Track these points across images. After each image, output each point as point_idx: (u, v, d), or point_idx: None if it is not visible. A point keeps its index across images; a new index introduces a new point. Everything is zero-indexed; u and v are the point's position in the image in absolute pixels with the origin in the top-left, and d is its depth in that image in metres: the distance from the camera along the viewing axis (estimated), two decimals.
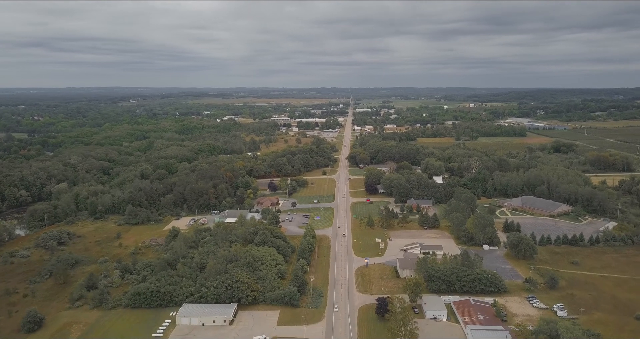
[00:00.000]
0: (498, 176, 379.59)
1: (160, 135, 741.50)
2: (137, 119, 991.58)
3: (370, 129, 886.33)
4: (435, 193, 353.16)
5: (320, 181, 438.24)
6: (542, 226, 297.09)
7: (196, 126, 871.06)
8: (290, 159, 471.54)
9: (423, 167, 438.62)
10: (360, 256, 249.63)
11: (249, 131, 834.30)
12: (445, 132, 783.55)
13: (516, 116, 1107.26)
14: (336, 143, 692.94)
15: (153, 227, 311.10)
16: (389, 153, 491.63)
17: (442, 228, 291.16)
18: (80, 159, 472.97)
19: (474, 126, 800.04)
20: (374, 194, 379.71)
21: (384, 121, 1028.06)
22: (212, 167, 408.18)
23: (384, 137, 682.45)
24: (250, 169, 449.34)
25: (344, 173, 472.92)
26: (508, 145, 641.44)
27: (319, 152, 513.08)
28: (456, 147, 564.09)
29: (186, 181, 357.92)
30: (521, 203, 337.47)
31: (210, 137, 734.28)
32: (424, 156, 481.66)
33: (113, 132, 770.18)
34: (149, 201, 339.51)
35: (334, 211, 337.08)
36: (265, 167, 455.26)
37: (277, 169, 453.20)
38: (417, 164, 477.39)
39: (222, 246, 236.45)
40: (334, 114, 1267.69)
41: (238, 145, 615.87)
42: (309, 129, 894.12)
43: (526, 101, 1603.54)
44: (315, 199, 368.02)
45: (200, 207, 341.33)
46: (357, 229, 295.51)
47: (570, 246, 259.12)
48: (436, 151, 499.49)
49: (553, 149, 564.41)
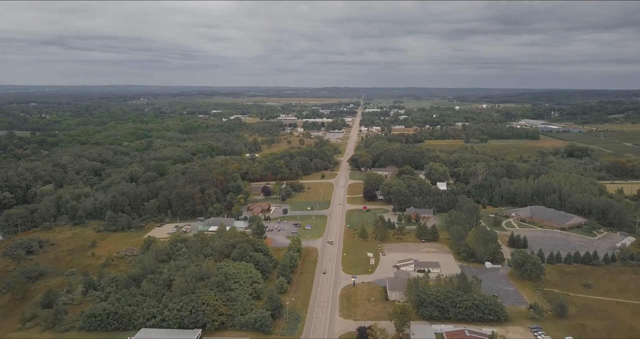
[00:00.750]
0: (506, 183, 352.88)
1: (162, 134, 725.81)
2: (143, 118, 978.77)
3: (378, 130, 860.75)
4: (437, 201, 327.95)
5: (317, 185, 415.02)
6: (551, 240, 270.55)
7: (200, 125, 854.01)
8: (288, 161, 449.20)
9: (427, 172, 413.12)
10: (349, 272, 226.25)
11: (253, 131, 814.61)
12: (454, 134, 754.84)
13: (529, 117, 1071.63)
14: (340, 144, 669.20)
15: (133, 234, 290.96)
16: (392, 156, 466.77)
17: (441, 241, 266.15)
18: (71, 159, 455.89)
19: (485, 128, 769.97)
20: (372, 200, 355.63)
21: (392, 121, 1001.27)
22: (204, 170, 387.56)
23: (390, 139, 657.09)
24: (246, 171, 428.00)
25: (344, 177, 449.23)
26: (519, 148, 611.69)
27: (319, 154, 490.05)
28: (464, 150, 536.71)
29: (173, 185, 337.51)
30: (530, 214, 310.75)
31: (212, 137, 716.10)
32: (429, 159, 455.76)
33: (115, 131, 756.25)
34: (132, 206, 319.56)
35: (327, 219, 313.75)
36: (262, 170, 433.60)
37: (273, 172, 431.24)
38: (422, 168, 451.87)
39: (195, 261, 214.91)
40: (343, 114, 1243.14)
41: (238, 146, 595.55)
42: (314, 129, 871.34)
43: (540, 102, 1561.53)
44: (309, 206, 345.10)
45: (185, 213, 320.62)
46: (349, 240, 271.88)
47: (583, 265, 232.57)
48: (442, 155, 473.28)
49: (567, 154, 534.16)
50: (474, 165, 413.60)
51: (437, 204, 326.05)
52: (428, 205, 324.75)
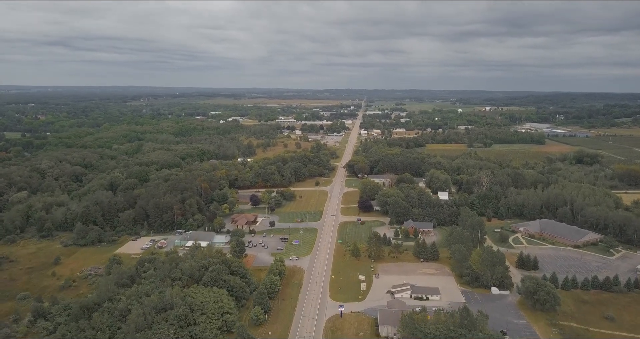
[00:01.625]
0: (512, 194, 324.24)
1: (155, 137, 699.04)
2: (139, 120, 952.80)
3: (378, 133, 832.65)
4: (437, 214, 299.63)
5: (310, 193, 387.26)
6: (565, 260, 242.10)
7: (196, 127, 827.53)
8: (280, 167, 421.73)
9: (427, 180, 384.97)
10: (337, 298, 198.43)
11: (249, 134, 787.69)
12: (456, 138, 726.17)
13: (534, 121, 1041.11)
14: (338, 148, 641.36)
15: (104, 250, 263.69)
16: (390, 163, 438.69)
17: (442, 261, 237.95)
18: (52, 163, 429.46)
19: (489, 132, 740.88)
20: (368, 211, 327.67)
21: (393, 124, 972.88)
22: (188, 177, 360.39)
23: (390, 143, 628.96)
24: (235, 178, 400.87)
25: (340, 184, 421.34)
26: (525, 154, 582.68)
27: (314, 159, 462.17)
28: (467, 156, 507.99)
29: (151, 194, 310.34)
30: (539, 228, 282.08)
31: (207, 140, 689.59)
32: (429, 166, 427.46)
33: (108, 133, 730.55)
34: (105, 217, 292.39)
35: (318, 233, 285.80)
36: (252, 176, 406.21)
37: (264, 179, 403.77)
38: (422, 175, 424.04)
39: (160, 286, 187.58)
40: (343, 117, 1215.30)
41: (231, 149, 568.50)
42: (313, 132, 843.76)
43: (545, 105, 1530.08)
44: (299, 217, 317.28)
45: (163, 225, 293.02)
46: (340, 259, 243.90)
47: (602, 292, 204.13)
48: (444, 161, 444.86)
49: (575, 160, 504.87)
50: (478, 173, 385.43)
51: (437, 217, 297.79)
52: (428, 218, 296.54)
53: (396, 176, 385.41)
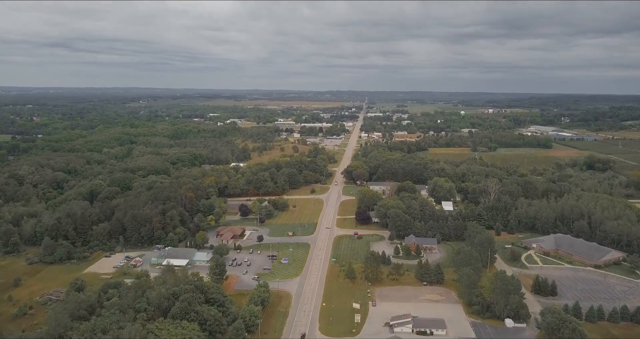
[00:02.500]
0: (523, 205, 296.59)
1: (148, 140, 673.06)
2: (134, 122, 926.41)
3: (379, 136, 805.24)
4: (442, 227, 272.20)
5: (305, 202, 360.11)
6: (585, 283, 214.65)
7: (191, 130, 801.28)
8: (273, 174, 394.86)
9: (430, 189, 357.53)
10: (327, 332, 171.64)
11: (246, 136, 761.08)
12: (460, 141, 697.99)
13: (539, 124, 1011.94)
14: (337, 152, 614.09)
15: (73, 268, 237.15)
16: (391, 169, 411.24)
17: (448, 284, 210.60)
18: (32, 169, 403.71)
19: (493, 136, 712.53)
20: (366, 224, 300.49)
21: (394, 127, 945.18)
22: (173, 185, 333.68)
23: (391, 146, 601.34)
24: (225, 185, 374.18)
25: (337, 192, 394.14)
26: (532, 159, 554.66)
27: (310, 165, 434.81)
28: (472, 161, 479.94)
29: (130, 204, 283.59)
30: (554, 245, 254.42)
31: (201, 143, 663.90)
32: (432, 173, 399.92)
33: (100, 136, 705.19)
34: (78, 230, 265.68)
35: (310, 249, 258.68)
36: (243, 183, 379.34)
37: (256, 187, 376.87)
38: (424, 182, 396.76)
39: (122, 319, 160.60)
40: (344, 119, 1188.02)
41: (225, 154, 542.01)
42: (312, 135, 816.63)
43: (548, 108, 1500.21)
44: (291, 230, 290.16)
45: (141, 240, 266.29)
46: (333, 281, 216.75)
47: (634, 325, 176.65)
48: (447, 167, 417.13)
49: (586, 166, 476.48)
50: (484, 180, 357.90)
51: (442, 231, 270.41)
52: (431, 232, 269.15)
53: (397, 184, 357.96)
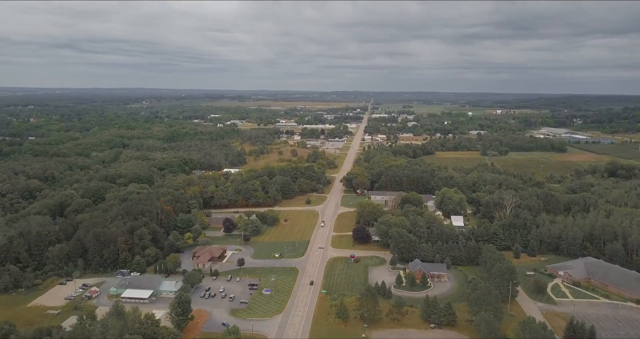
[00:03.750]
0: (546, 223, 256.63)
1: (141, 143, 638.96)
2: (131, 123, 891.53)
3: (383, 138, 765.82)
4: (452, 250, 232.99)
5: (298, 215, 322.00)
6: (629, 325, 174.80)
7: (188, 132, 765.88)
8: (265, 182, 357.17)
9: (438, 201, 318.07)
10: None
11: (244, 139, 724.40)
12: (469, 144, 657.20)
13: (550, 125, 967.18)
14: (338, 156, 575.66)
15: (18, 299, 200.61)
16: (394, 177, 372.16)
17: (460, 327, 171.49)
18: (5, 176, 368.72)
19: (504, 138, 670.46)
20: (364, 243, 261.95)
21: (399, 129, 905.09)
22: (151, 196, 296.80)
23: (395, 150, 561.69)
24: (211, 195, 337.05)
25: (335, 203, 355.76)
26: (547, 164, 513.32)
27: (307, 172, 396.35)
28: (483, 168, 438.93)
29: (95, 221, 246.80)
30: (585, 273, 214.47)
31: (197, 146, 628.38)
32: (440, 181, 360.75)
33: (91, 138, 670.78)
34: (32, 252, 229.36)
35: (298, 276, 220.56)
36: (231, 193, 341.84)
37: (245, 197, 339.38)
38: (431, 191, 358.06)
39: None
40: (348, 120, 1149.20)
41: (218, 158, 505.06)
42: (313, 137, 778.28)
43: (558, 108, 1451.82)
44: (278, 251, 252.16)
45: (104, 263, 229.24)
46: (322, 321, 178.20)
47: None
48: (457, 175, 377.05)
49: (607, 173, 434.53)
50: (498, 191, 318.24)
51: (452, 254, 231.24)
52: (440, 255, 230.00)
53: (400, 195, 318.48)
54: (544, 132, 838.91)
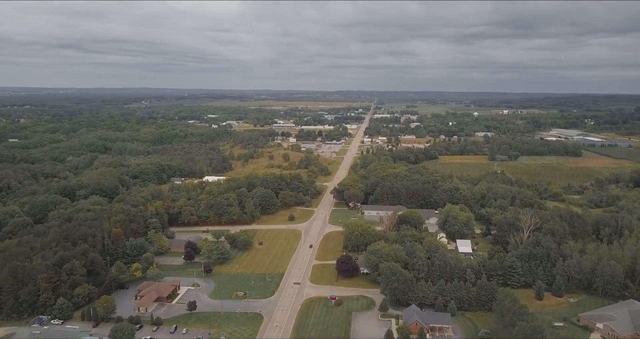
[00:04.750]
0: (574, 252, 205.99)
1: (124, 146, 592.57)
2: (121, 124, 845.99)
3: (383, 141, 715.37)
4: (458, 290, 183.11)
5: (277, 235, 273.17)
6: None
7: (178, 134, 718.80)
8: (243, 195, 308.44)
9: (441, 221, 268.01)
10: None
11: (236, 141, 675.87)
12: (475, 148, 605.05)
13: (561, 126, 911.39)
14: (333, 162, 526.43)
15: None
16: (391, 189, 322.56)
17: None
18: None
19: (513, 141, 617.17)
20: (351, 276, 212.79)
21: (402, 130, 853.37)
22: (100, 216, 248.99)
23: (395, 155, 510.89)
24: (179, 211, 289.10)
25: (322, 219, 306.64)
26: (562, 171, 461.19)
27: (293, 182, 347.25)
28: (492, 177, 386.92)
29: (15, 251, 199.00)
30: (632, 325, 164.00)
31: (183, 149, 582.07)
32: (444, 194, 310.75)
33: (73, 141, 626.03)
34: None
35: (262, 326, 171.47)
36: (202, 208, 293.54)
37: (217, 213, 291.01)
38: (434, 206, 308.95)
39: None
40: (348, 120, 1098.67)
41: (199, 164, 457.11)
42: (309, 139, 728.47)
43: (566, 108, 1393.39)
44: (244, 287, 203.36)
45: (19, 308, 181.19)
46: None
47: None
48: (463, 187, 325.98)
49: (633, 183, 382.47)
50: (513, 209, 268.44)
51: (458, 296, 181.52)
52: (443, 297, 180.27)
53: (397, 213, 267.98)
54: (554, 134, 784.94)
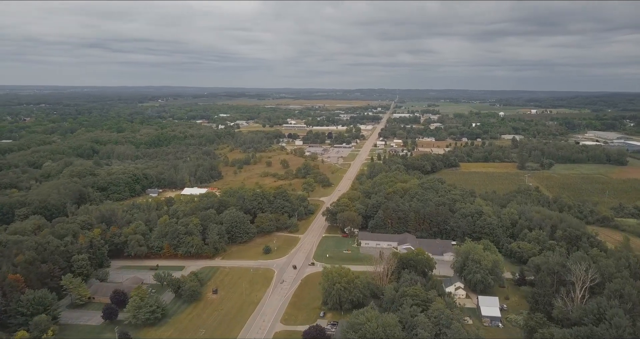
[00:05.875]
0: None
1: (113, 149, 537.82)
2: (122, 125, 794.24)
3: (399, 144, 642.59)
4: None
5: (241, 277, 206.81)
6: None
7: (177, 135, 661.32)
8: (207, 219, 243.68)
9: (459, 264, 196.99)
10: None
11: (238, 144, 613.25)
12: (502, 154, 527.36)
13: (597, 128, 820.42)
14: (338, 170, 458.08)
15: None
16: (397, 211, 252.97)
17: None
18: None
19: (545, 147, 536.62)
20: None
21: (420, 131, 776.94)
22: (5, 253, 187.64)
23: (408, 164, 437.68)
24: (124, 240, 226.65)
25: (305, 252, 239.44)
26: (607, 184, 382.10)
27: (276, 201, 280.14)
28: (525, 196, 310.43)
29: None
30: None
31: (175, 154, 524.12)
32: (464, 221, 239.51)
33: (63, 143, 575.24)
34: None
35: None
36: (154, 237, 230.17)
37: (172, 244, 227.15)
38: (450, 235, 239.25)
39: None
40: (364, 120, 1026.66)
41: (181, 174, 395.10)
42: (317, 142, 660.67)
43: (600, 108, 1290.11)
44: None
45: None
46: None
47: None
48: (488, 209, 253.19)
49: None
50: (557, 253, 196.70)
51: None
52: None
53: (396, 260, 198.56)
54: (591, 137, 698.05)
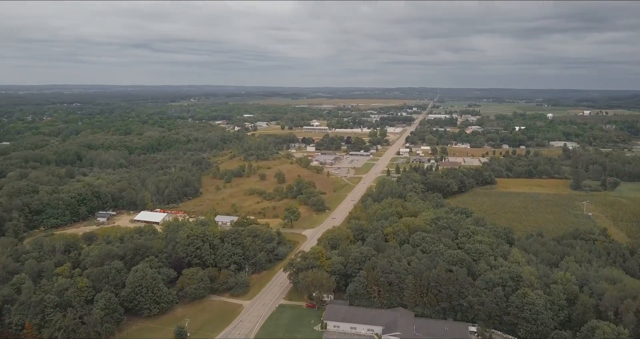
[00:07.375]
0: None
1: (97, 155, 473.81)
2: (130, 126, 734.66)
3: (426, 152, 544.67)
4: None
5: None
6: None
7: (179, 138, 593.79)
8: (98, 279, 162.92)
9: None
10: None
11: (242, 150, 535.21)
12: (550, 167, 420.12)
13: None
14: (343, 186, 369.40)
15: None
16: (387, 273, 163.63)
17: None
18: None
19: (607, 160, 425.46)
20: None
21: (454, 136, 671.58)
22: None
23: (429, 182, 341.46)
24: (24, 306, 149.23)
25: (245, 332, 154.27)
26: None
27: (222, 248, 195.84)
28: (588, 245, 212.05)
29: None
30: None
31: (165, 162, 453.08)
32: (489, 296, 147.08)
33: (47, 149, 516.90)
34: None
35: None
36: (15, 309, 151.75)
37: (35, 323, 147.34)
38: (466, 314, 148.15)
39: None
40: (395, 122, 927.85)
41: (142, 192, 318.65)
42: (331, 148, 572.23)
43: None
44: None
45: None
46: None
47: None
48: (528, 269, 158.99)
49: None
50: None
51: None
52: None
53: None
54: None
